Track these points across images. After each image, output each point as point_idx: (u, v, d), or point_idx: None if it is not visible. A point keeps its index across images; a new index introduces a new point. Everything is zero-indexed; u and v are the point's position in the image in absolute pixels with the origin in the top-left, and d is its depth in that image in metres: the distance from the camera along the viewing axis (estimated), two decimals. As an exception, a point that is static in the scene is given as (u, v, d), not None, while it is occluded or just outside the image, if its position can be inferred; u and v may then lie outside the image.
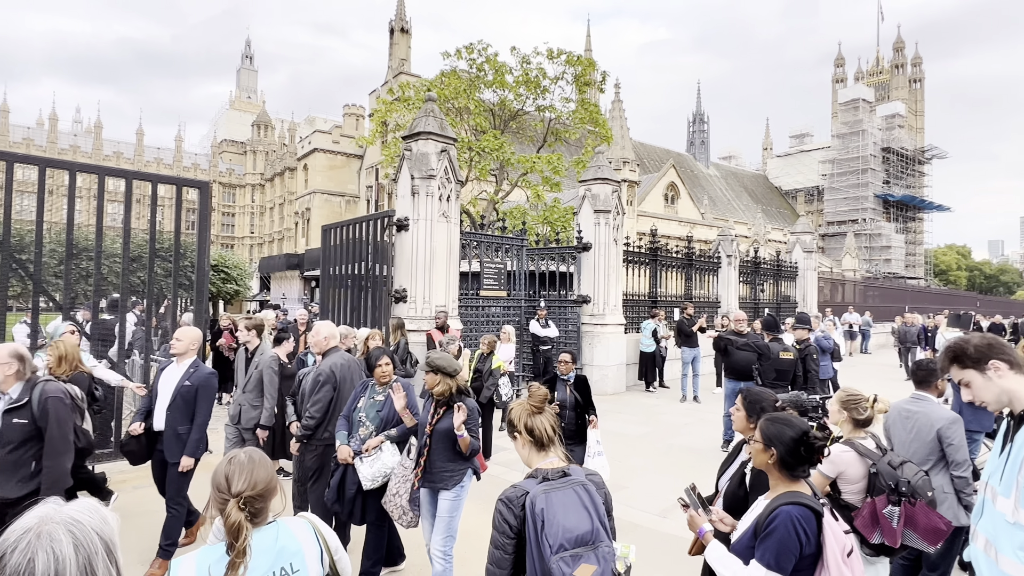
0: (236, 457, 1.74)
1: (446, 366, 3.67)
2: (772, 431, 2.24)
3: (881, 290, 36.35)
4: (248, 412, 5.35)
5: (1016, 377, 2.13)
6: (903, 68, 76.30)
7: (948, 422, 3.62)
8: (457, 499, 3.71)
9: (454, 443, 3.63)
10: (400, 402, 4.07)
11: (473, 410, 3.72)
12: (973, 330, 17.11)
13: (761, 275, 19.17)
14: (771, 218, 64.83)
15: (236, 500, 1.64)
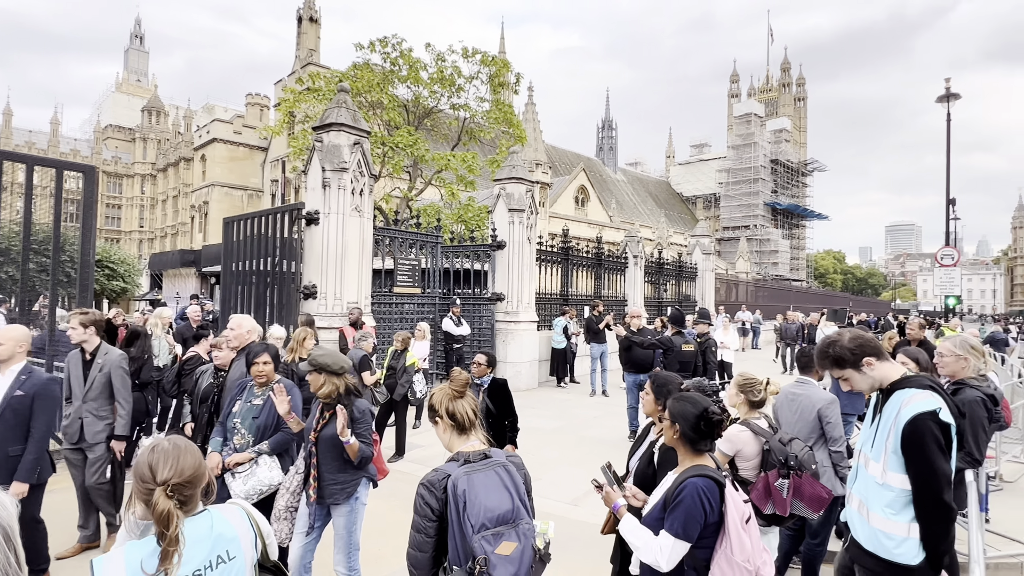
0: (160, 445, 1.66)
1: (331, 363, 3.31)
2: (676, 409, 2.40)
3: (770, 290, 39.30)
4: (93, 425, 4.48)
5: (882, 364, 2.47)
6: (789, 87, 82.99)
7: (827, 403, 4.01)
8: (352, 513, 3.39)
9: (343, 451, 3.27)
10: (283, 406, 3.51)
11: (364, 412, 3.40)
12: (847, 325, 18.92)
13: (664, 275, 20.19)
14: (673, 222, 68.33)
15: (163, 488, 1.58)
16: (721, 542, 2.26)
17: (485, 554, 1.91)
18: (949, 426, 2.27)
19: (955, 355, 3.75)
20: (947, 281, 17.07)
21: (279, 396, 3.52)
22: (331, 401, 3.34)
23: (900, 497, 2.32)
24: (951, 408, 2.31)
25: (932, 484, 2.23)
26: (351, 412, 3.32)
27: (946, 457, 2.26)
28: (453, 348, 10.71)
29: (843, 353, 2.50)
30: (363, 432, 3.35)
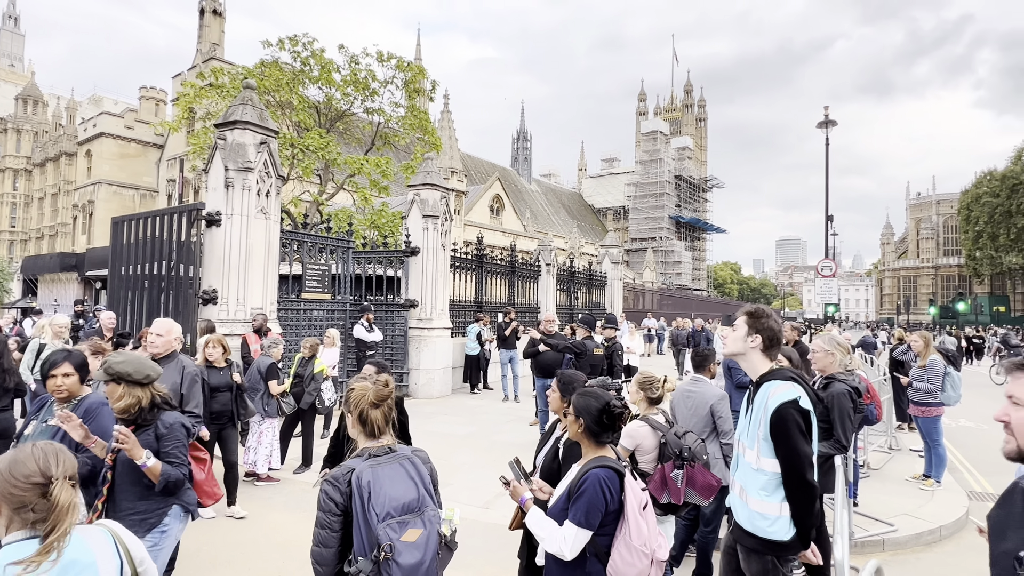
0: (34, 447, 1.53)
1: (132, 372, 2.81)
2: (580, 403, 2.53)
3: (673, 299, 41.36)
4: None
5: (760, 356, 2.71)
6: (692, 108, 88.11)
7: (718, 399, 4.33)
8: (157, 548, 2.83)
9: (144, 475, 2.77)
10: (76, 432, 2.82)
11: (172, 427, 2.90)
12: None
13: (576, 283, 20.79)
14: (585, 233, 70.47)
15: (66, 480, 1.49)
16: (621, 528, 2.39)
17: (390, 541, 1.93)
18: (809, 412, 2.53)
19: (824, 351, 4.18)
20: (826, 291, 18.74)
21: (67, 423, 2.81)
22: (130, 416, 2.84)
23: (772, 480, 2.55)
24: (811, 397, 2.59)
25: (796, 466, 2.47)
26: (156, 428, 2.86)
27: (807, 441, 2.50)
28: (366, 355, 10.49)
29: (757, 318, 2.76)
30: (171, 451, 2.83)
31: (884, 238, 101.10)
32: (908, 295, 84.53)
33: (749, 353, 2.75)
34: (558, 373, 3.28)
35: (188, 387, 4.11)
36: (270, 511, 5.74)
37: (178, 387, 4.07)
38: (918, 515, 5.81)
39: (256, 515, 5.55)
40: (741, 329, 2.76)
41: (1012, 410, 1.47)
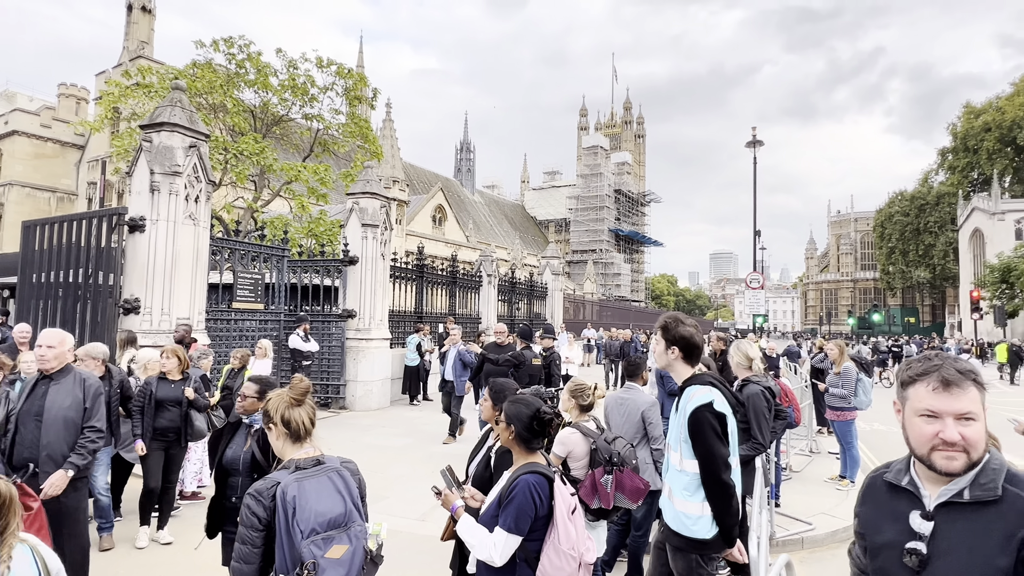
0: None
1: None
2: (512, 411, 2.57)
3: (613, 309, 42.24)
4: None
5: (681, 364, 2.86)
6: (631, 124, 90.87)
7: (649, 406, 4.48)
8: None
9: None
10: None
11: None
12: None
13: (517, 294, 20.95)
14: (527, 244, 71.17)
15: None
16: (550, 533, 2.43)
17: (314, 558, 1.89)
18: (724, 416, 2.66)
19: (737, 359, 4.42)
20: (755, 302, 19.65)
21: None
22: None
23: (693, 481, 2.67)
24: (729, 400, 2.73)
25: (712, 466, 2.60)
26: None
27: (723, 442, 2.63)
28: (301, 365, 10.21)
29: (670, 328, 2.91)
30: None
31: (808, 253, 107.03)
32: (829, 307, 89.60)
33: (672, 364, 2.90)
34: (490, 382, 3.31)
35: (92, 400, 3.89)
36: (197, 530, 5.48)
37: (81, 401, 3.84)
38: (834, 513, 6.16)
39: (182, 536, 5.29)
40: (660, 344, 2.92)
41: (964, 427, 1.41)
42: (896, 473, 1.57)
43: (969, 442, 1.39)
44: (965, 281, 55.81)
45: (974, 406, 1.41)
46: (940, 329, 66.44)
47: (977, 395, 1.42)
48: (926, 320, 75.74)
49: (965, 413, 1.40)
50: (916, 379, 1.48)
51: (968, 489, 1.41)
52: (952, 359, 1.47)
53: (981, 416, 1.42)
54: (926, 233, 67.45)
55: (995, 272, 41.89)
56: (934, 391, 1.43)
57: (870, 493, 1.65)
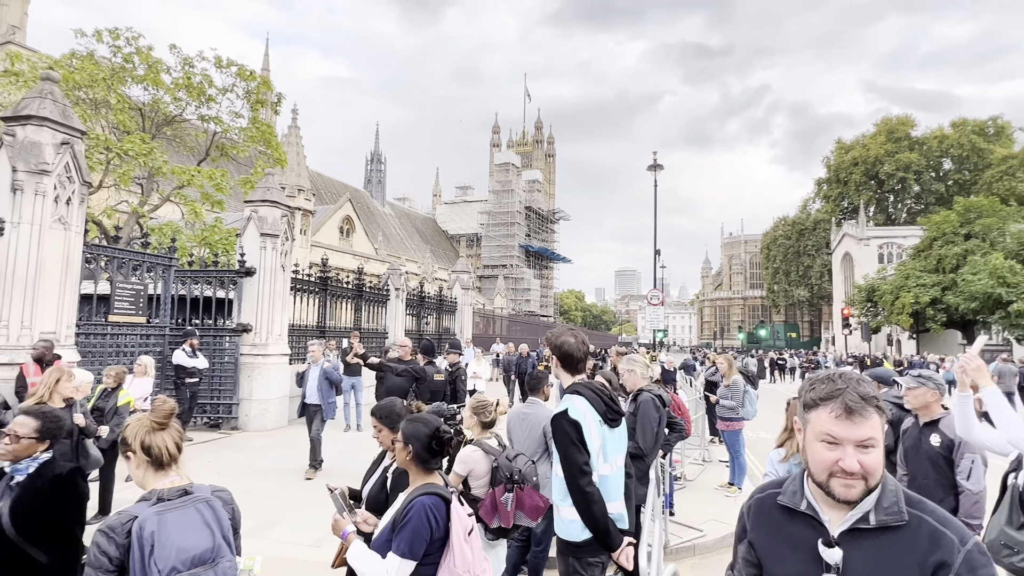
0: None
1: None
2: (410, 430, 2.48)
3: (522, 324, 42.75)
4: None
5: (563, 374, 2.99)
6: (542, 144, 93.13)
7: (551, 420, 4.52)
8: None
9: None
10: None
11: None
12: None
13: (426, 308, 20.69)
14: (439, 258, 70.72)
15: None
16: (445, 556, 2.36)
17: (173, 601, 1.71)
18: (578, 423, 2.73)
19: (627, 371, 4.59)
20: (655, 318, 20.56)
21: None
22: None
23: (563, 485, 2.76)
24: (599, 408, 2.82)
25: (568, 471, 2.69)
26: None
27: (578, 449, 2.70)
28: (186, 383, 9.47)
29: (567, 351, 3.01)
30: None
31: (704, 272, 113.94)
32: (723, 322, 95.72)
33: (558, 372, 3.02)
34: (375, 407, 3.16)
35: None
36: None
37: None
38: (724, 520, 6.49)
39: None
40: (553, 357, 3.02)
41: (863, 456, 1.36)
42: (791, 496, 1.49)
43: (868, 469, 1.35)
44: (837, 300, 61.54)
45: (874, 432, 1.36)
46: (817, 343, 72.68)
47: (878, 421, 1.38)
48: (805, 335, 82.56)
49: (865, 440, 1.36)
50: (819, 403, 1.42)
51: (873, 513, 1.37)
52: (856, 382, 1.41)
53: (880, 442, 1.38)
54: (805, 255, 73.88)
55: (862, 292, 46.55)
56: (836, 418, 1.37)
57: (761, 516, 1.56)
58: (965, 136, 57.75)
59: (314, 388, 8.08)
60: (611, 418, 2.89)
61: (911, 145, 60.43)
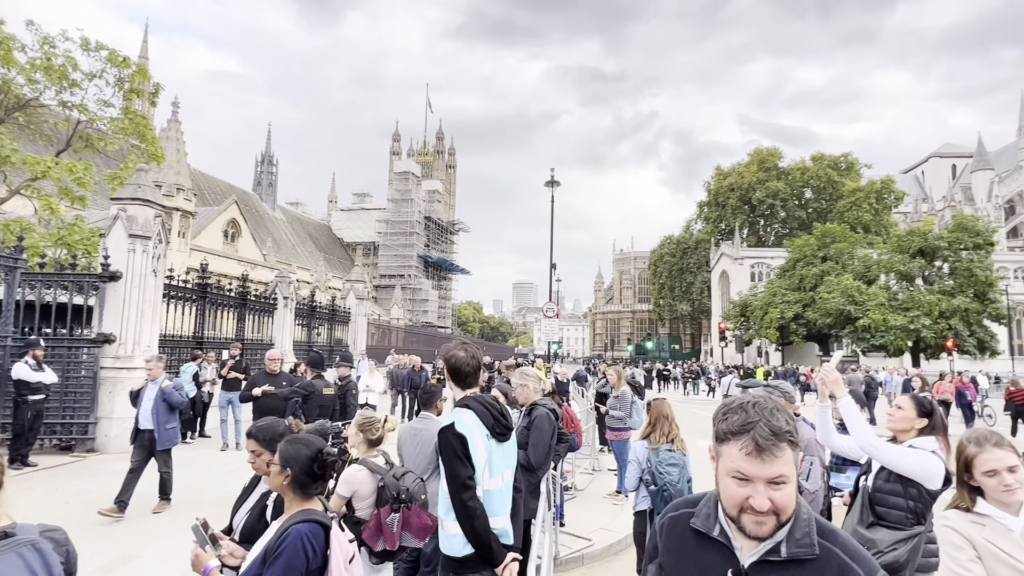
0: None
1: None
2: (289, 452, 2.30)
3: (419, 336, 42.21)
4: None
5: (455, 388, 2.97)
6: (443, 154, 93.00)
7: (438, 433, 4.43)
8: None
9: None
10: None
11: None
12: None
13: (317, 318, 19.81)
14: (333, 266, 68.20)
15: None
16: (323, 586, 2.21)
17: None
18: (464, 437, 2.71)
19: (520, 384, 4.63)
20: (550, 330, 21.03)
21: None
22: None
23: (447, 499, 2.72)
24: (487, 422, 2.80)
25: (450, 485, 2.66)
26: None
27: (463, 463, 2.68)
28: (29, 401, 8.36)
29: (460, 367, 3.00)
30: None
31: (597, 286, 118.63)
32: (613, 335, 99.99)
33: (452, 386, 2.98)
34: (249, 429, 2.93)
35: None
36: None
37: None
38: (611, 528, 6.69)
39: None
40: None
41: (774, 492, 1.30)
42: (705, 520, 1.44)
43: (779, 507, 1.29)
44: (716, 314, 66.37)
45: (786, 469, 1.30)
46: (698, 354, 77.85)
47: (791, 456, 1.31)
48: (688, 347, 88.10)
49: (776, 478, 1.29)
50: (730, 437, 1.35)
51: (784, 544, 1.32)
52: (769, 414, 1.33)
53: (793, 477, 1.31)
54: (688, 272, 79.18)
55: (736, 307, 50.61)
56: (747, 455, 1.31)
57: (673, 538, 1.51)
58: (822, 169, 64.66)
59: (148, 411, 6.80)
60: (500, 432, 2.87)
61: (779, 175, 66.68)
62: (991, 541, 2.09)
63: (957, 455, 2.31)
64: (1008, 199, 78.88)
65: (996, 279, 40.19)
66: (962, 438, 2.33)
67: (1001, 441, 2.23)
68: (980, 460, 2.19)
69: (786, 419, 1.34)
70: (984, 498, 2.20)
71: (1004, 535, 2.10)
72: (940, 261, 41.03)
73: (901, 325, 38.17)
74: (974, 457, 2.21)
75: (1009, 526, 2.11)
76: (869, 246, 48.43)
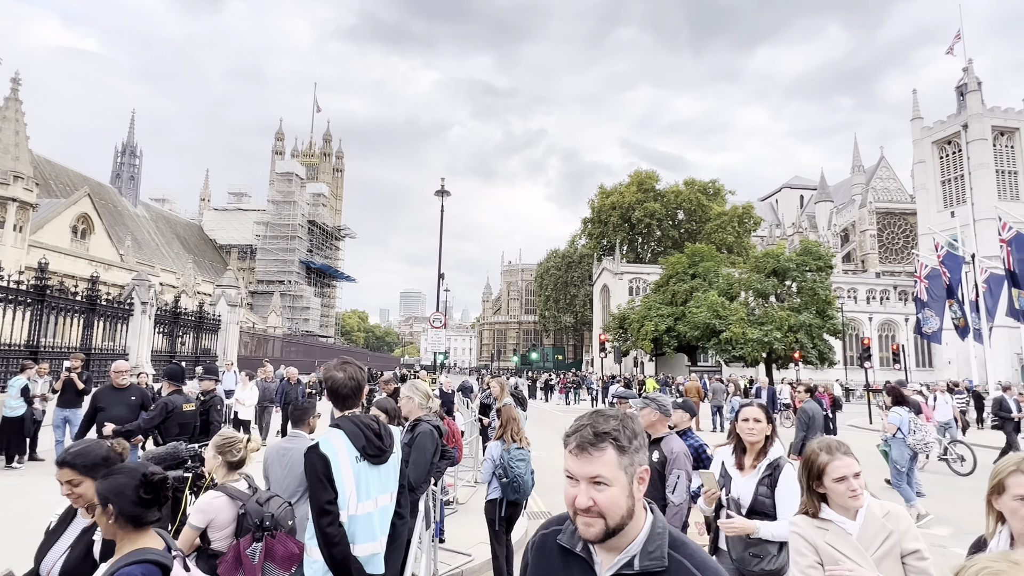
0: None
1: None
2: (108, 488, 2.01)
3: (299, 345, 40.18)
4: None
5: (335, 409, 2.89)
6: (330, 157, 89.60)
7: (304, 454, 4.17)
8: None
9: None
10: None
11: None
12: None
13: (182, 326, 18.16)
14: (203, 270, 63.01)
15: None
16: (163, 635, 1.95)
17: None
18: (327, 459, 2.60)
19: (406, 397, 4.50)
20: (436, 340, 20.82)
21: None
22: None
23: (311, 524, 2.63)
24: (358, 443, 2.69)
25: (312, 508, 2.57)
26: None
27: (324, 486, 2.57)
28: None
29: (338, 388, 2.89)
30: None
31: (485, 296, 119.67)
32: (500, 345, 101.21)
33: (333, 407, 2.90)
34: (65, 455, 2.54)
35: None
36: None
37: None
38: (491, 541, 6.64)
39: None
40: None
41: (596, 493, 1.32)
42: (570, 536, 1.44)
43: (602, 508, 1.31)
44: (597, 326, 69.32)
45: (605, 470, 1.32)
46: (580, 365, 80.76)
47: (614, 458, 1.33)
48: (570, 357, 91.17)
49: (595, 477, 1.32)
50: (567, 441, 1.39)
51: (638, 558, 1.34)
52: (602, 419, 1.37)
53: (617, 480, 1.32)
54: (572, 285, 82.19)
55: (615, 320, 53.16)
56: (573, 454, 1.35)
57: (542, 555, 1.51)
58: (694, 193, 70.03)
59: None
60: (372, 454, 2.75)
61: (655, 196, 71.27)
62: (832, 544, 2.28)
63: (808, 463, 2.43)
64: (843, 228, 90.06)
65: (834, 298, 45.71)
66: (812, 447, 2.47)
67: (848, 450, 2.40)
68: (832, 467, 2.33)
69: (623, 426, 1.37)
70: (828, 504, 2.38)
71: (844, 538, 2.29)
72: (790, 281, 45.97)
73: (757, 338, 42.11)
74: (827, 464, 2.34)
75: (848, 530, 2.31)
76: (732, 265, 52.98)
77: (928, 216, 67.00)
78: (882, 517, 2.33)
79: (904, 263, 79.19)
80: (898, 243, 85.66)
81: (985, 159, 63.71)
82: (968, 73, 66.36)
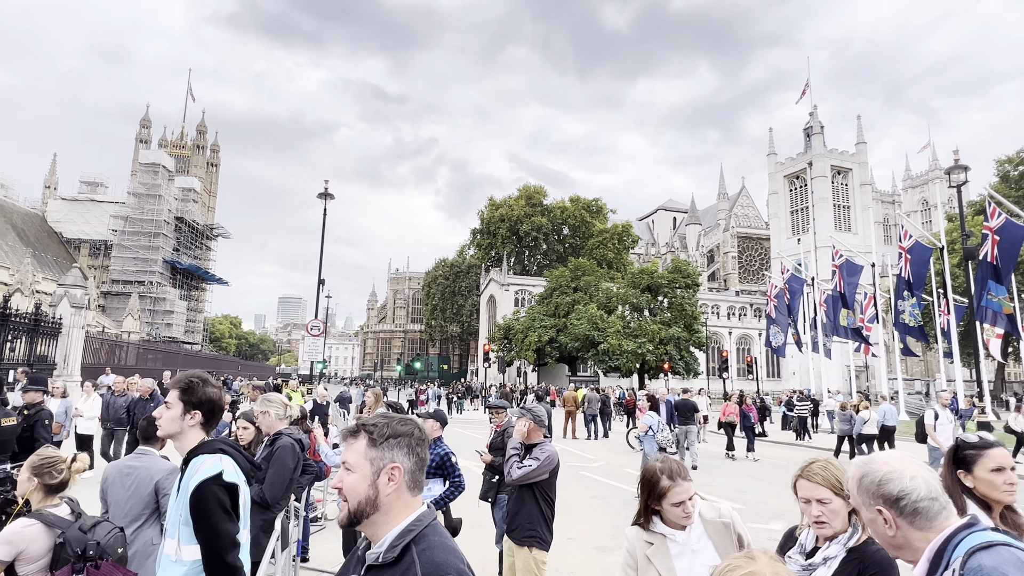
0: None
1: None
2: None
3: (160, 354, 36.81)
4: None
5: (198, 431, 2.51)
6: (204, 150, 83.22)
7: (166, 473, 3.80)
8: None
9: None
10: None
11: None
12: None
13: (13, 329, 15.96)
14: (45, 266, 55.75)
15: None
16: None
17: None
18: (235, 487, 2.39)
19: (261, 411, 4.30)
20: (314, 348, 19.96)
21: None
22: None
23: (193, 569, 2.30)
24: (243, 466, 2.49)
25: (217, 549, 2.28)
26: None
27: (231, 519, 2.35)
28: None
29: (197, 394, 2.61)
30: None
31: (370, 304, 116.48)
32: (384, 354, 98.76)
33: (186, 431, 2.50)
34: None
35: None
36: None
37: None
38: (359, 557, 6.47)
39: None
40: (176, 407, 2.49)
41: (344, 475, 1.47)
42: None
43: (344, 491, 1.46)
44: (483, 336, 69.88)
45: (349, 456, 1.48)
46: (465, 374, 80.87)
47: (363, 448, 1.47)
48: (456, 367, 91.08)
49: (343, 462, 1.49)
50: None
51: (384, 552, 1.44)
52: (380, 417, 1.54)
53: (360, 468, 1.46)
54: (459, 295, 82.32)
55: (500, 330, 53.99)
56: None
57: (351, 558, 1.63)
58: (578, 210, 73.07)
59: None
60: (253, 476, 2.58)
61: (543, 211, 73.50)
62: (651, 558, 2.45)
63: (649, 484, 2.51)
64: (710, 249, 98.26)
65: (699, 313, 49.66)
66: (654, 468, 2.52)
67: (687, 474, 2.51)
68: (673, 493, 2.45)
69: (386, 424, 1.51)
70: (660, 518, 2.52)
71: (665, 553, 2.45)
72: (662, 296, 49.39)
73: (632, 350, 44.67)
74: (668, 490, 2.45)
75: (679, 541, 2.47)
76: (611, 280, 55.85)
77: (779, 242, 75.02)
78: (719, 519, 2.56)
79: (760, 283, 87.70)
80: (755, 265, 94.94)
81: (825, 194, 72.68)
82: (813, 117, 75.55)
